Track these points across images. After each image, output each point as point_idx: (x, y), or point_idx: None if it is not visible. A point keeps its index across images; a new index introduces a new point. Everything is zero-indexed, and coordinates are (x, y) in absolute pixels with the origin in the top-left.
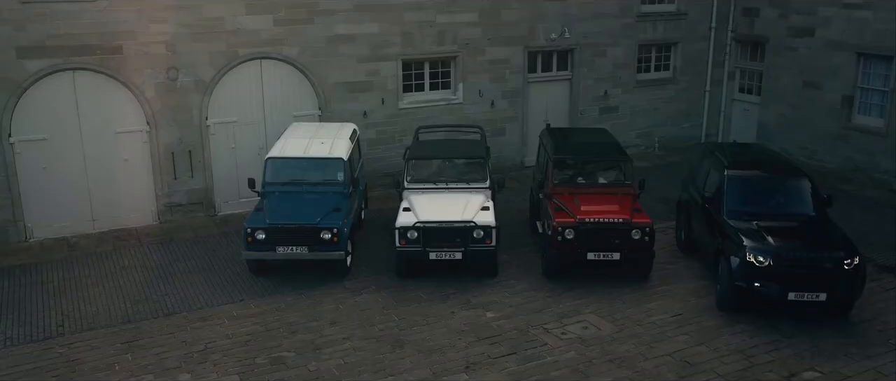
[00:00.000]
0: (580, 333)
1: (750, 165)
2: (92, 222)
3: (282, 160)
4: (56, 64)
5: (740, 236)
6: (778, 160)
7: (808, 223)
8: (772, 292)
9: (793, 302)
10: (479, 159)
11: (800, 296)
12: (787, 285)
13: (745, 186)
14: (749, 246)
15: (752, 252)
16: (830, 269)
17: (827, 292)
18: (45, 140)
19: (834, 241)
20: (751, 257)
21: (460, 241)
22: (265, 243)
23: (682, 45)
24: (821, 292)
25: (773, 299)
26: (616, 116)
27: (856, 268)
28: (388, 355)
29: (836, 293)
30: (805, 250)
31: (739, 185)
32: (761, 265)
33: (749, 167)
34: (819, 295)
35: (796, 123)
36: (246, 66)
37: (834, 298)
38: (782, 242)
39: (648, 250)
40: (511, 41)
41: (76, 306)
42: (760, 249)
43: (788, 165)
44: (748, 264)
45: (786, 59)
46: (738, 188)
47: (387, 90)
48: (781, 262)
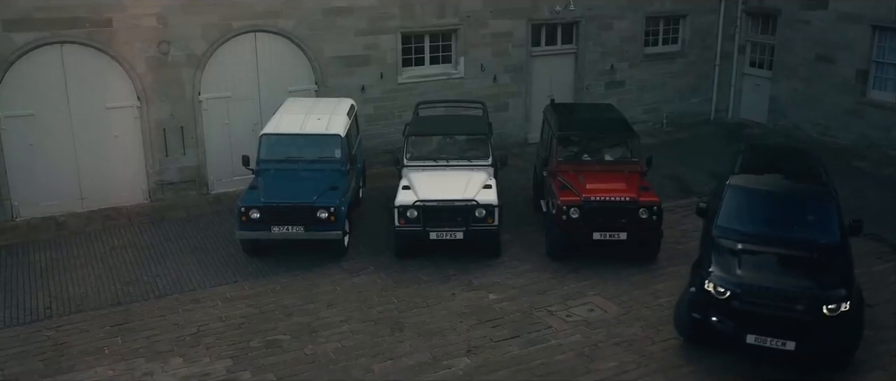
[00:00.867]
0: (585, 315)
1: (762, 172)
2: (81, 201)
3: (277, 137)
4: (44, 37)
5: (710, 258)
6: (803, 170)
7: (813, 253)
8: (728, 331)
9: (752, 347)
10: (481, 136)
11: (761, 340)
12: (747, 324)
13: (746, 199)
14: (712, 272)
15: (713, 280)
16: (802, 312)
17: (796, 341)
18: (33, 116)
19: (827, 278)
20: (709, 285)
21: (461, 220)
22: (260, 223)
23: (690, 17)
24: (788, 340)
25: (728, 339)
26: (622, 91)
27: (841, 316)
28: (387, 338)
29: (808, 344)
30: (776, 285)
31: (739, 197)
32: (720, 296)
33: (759, 176)
34: (786, 343)
35: (809, 99)
36: (240, 39)
37: (805, 348)
38: (755, 272)
39: (656, 229)
40: (514, 13)
41: (64, 287)
42: (723, 277)
43: (814, 178)
44: (705, 293)
45: (798, 32)
46: (737, 201)
47: (386, 64)
48: (743, 295)
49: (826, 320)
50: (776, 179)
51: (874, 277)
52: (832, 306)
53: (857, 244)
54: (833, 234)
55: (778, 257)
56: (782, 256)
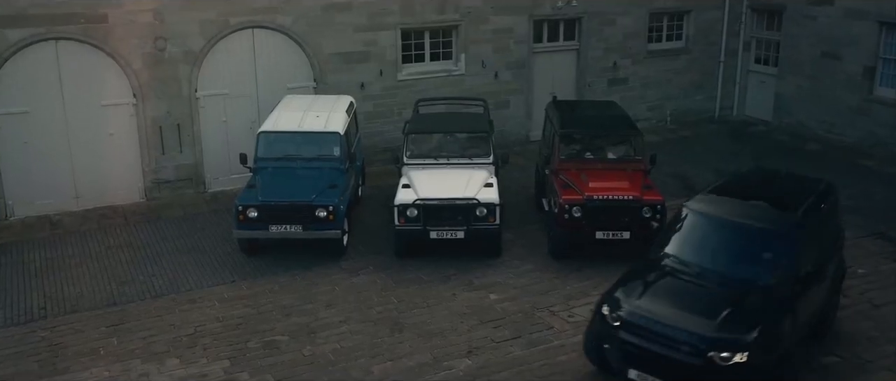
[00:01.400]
0: (588, 315)
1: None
2: (76, 200)
3: (275, 134)
4: (38, 33)
5: (625, 279)
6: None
7: (734, 292)
8: (614, 362)
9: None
10: (482, 133)
11: (643, 379)
12: (631, 358)
13: (696, 224)
14: (613, 295)
15: (609, 303)
16: (686, 355)
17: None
18: (27, 113)
19: (730, 323)
20: (605, 307)
21: (462, 219)
22: (257, 222)
23: (695, 13)
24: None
25: (614, 371)
26: (626, 88)
27: (736, 367)
28: (387, 338)
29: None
30: (666, 320)
31: (689, 220)
32: (612, 322)
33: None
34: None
35: (814, 96)
36: (237, 35)
37: None
38: (654, 303)
39: (660, 228)
40: (515, 9)
41: (59, 287)
42: (618, 302)
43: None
44: (600, 315)
45: (804, 28)
46: (686, 224)
47: (385, 61)
48: (629, 326)
49: (714, 368)
50: (740, 207)
51: (881, 276)
52: (724, 355)
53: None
54: (768, 276)
55: (691, 291)
56: (696, 290)
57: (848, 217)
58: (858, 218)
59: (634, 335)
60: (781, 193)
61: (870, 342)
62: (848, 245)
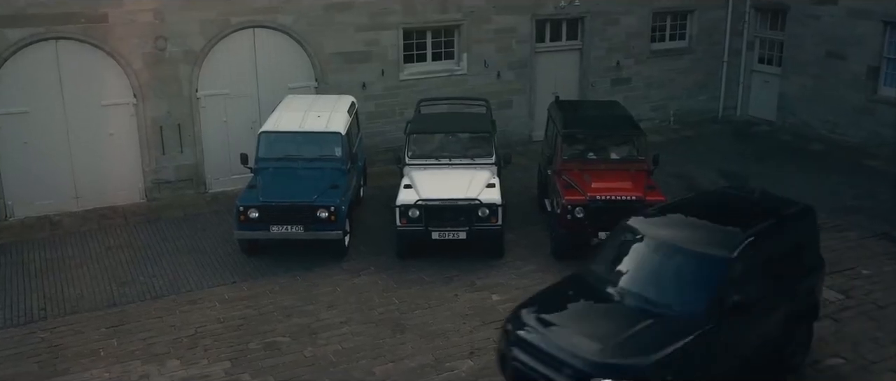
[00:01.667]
0: None
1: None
2: (76, 200)
3: (276, 135)
4: (38, 33)
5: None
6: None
7: (650, 315)
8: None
9: None
10: (485, 133)
11: None
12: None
13: (628, 243)
14: (524, 307)
15: (515, 315)
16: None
17: None
18: (27, 113)
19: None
20: (509, 322)
21: (464, 220)
22: (258, 222)
23: (698, 12)
24: None
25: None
26: (629, 87)
27: None
28: (388, 340)
29: None
30: (557, 346)
31: (623, 238)
32: (516, 334)
33: (665, 220)
34: None
35: (818, 96)
36: (238, 35)
37: None
38: (558, 325)
39: None
40: (518, 9)
41: (59, 288)
42: (522, 318)
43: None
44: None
45: (808, 27)
46: (619, 243)
47: (387, 61)
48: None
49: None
50: (681, 228)
51: (886, 276)
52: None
53: (869, 244)
54: (694, 303)
55: (600, 313)
56: (606, 313)
57: (852, 217)
58: (862, 218)
59: (525, 353)
60: (738, 215)
61: (874, 343)
62: (853, 246)
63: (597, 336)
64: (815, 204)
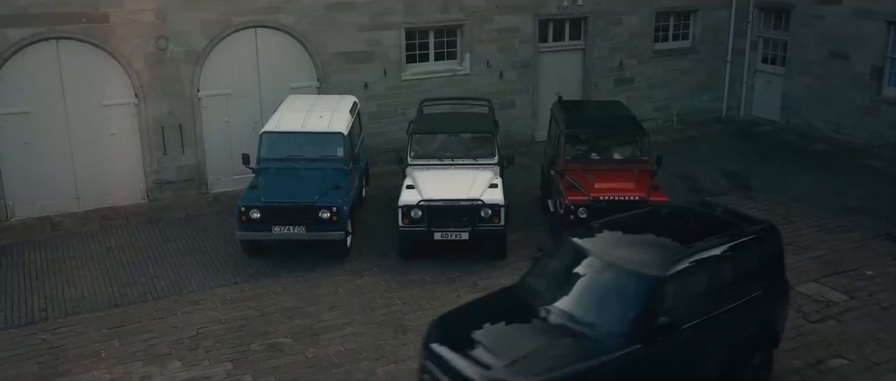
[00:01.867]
0: None
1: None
2: (77, 201)
3: (278, 135)
4: (39, 33)
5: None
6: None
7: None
8: None
9: None
10: (487, 134)
11: None
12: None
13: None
14: (445, 318)
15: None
16: None
17: None
18: (28, 113)
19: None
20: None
21: (467, 220)
22: (260, 223)
23: (701, 12)
24: None
25: None
26: (632, 87)
27: None
28: (391, 341)
29: None
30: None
31: (557, 253)
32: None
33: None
34: None
35: (822, 96)
36: (240, 35)
37: None
38: (459, 335)
39: None
40: (520, 9)
41: (60, 289)
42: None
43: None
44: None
45: (812, 27)
46: (553, 258)
47: (389, 61)
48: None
49: None
50: (617, 244)
51: (889, 277)
52: None
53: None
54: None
55: (514, 328)
56: (520, 329)
57: (855, 218)
58: (866, 219)
59: (436, 366)
60: (686, 233)
61: (878, 344)
62: (856, 247)
63: (502, 353)
64: (819, 204)
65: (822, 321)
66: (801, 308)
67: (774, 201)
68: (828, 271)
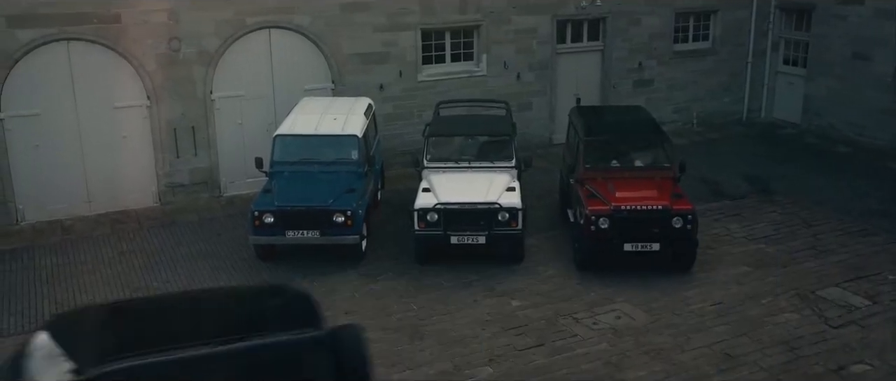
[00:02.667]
0: (613, 323)
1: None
2: (88, 204)
3: (291, 138)
4: (49, 34)
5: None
6: None
7: None
8: None
9: None
10: (505, 136)
11: None
12: None
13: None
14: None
15: None
16: None
17: None
18: (38, 116)
19: None
20: None
21: (484, 224)
22: (274, 227)
23: (722, 13)
24: None
25: None
26: (651, 89)
27: None
28: (407, 346)
29: None
30: None
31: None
32: None
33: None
34: None
35: (845, 97)
36: (254, 35)
37: None
38: None
39: (691, 239)
40: (538, 9)
41: (71, 294)
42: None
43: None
44: None
45: (834, 28)
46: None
47: (405, 62)
48: None
49: None
50: (75, 343)
51: None
52: None
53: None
54: None
55: None
56: None
57: (878, 221)
58: (888, 222)
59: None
60: (193, 326)
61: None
62: (879, 251)
63: None
64: (841, 207)
65: (844, 326)
66: (822, 313)
67: (796, 204)
68: (850, 275)
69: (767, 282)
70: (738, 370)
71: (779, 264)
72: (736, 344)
